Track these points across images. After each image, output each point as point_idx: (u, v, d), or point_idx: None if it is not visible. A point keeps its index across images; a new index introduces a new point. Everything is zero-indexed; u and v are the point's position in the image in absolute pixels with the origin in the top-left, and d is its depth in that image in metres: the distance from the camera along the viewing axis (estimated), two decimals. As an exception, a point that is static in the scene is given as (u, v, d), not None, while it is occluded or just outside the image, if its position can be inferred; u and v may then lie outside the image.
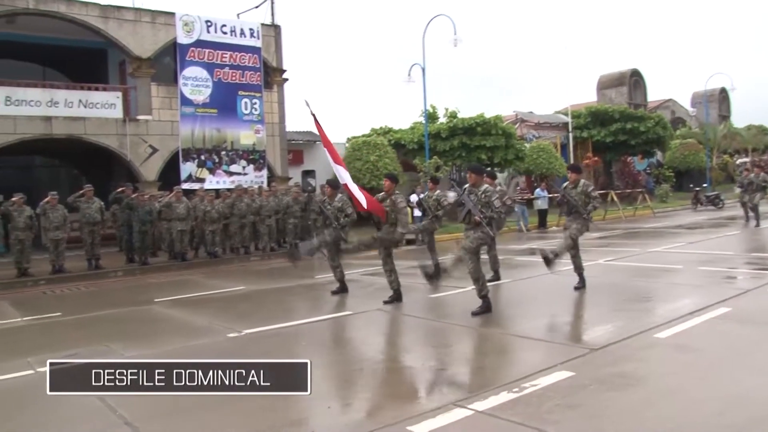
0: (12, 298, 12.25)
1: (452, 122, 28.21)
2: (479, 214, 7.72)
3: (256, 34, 21.64)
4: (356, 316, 8.72)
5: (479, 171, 8.20)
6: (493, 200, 7.84)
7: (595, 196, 9.49)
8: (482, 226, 7.74)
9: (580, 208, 9.34)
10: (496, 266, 10.76)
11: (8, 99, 17.86)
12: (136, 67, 20.06)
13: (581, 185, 9.52)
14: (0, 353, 7.68)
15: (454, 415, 4.69)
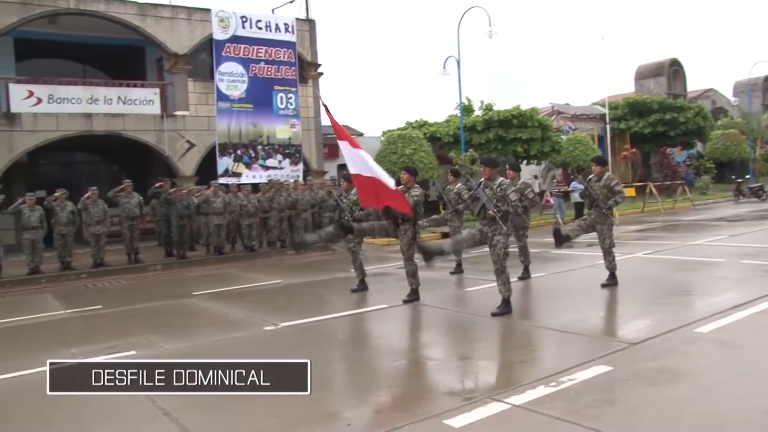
0: (55, 291, 12.54)
1: (488, 115, 28.00)
2: (493, 208, 7.49)
3: (291, 28, 21.74)
4: (392, 310, 8.72)
5: (493, 164, 7.90)
6: (508, 194, 7.57)
7: (618, 190, 9.13)
8: (496, 221, 7.51)
9: (599, 202, 9.04)
10: (527, 262, 10.51)
11: (51, 97, 18.24)
12: (173, 63, 20.31)
13: (605, 178, 9.24)
14: (44, 345, 7.87)
15: (490, 408, 4.66)
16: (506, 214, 7.56)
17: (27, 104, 17.95)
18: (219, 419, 4.87)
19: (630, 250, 13.08)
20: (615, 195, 9.07)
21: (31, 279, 13.81)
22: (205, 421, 4.79)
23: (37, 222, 13.97)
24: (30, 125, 17.96)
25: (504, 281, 7.74)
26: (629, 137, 35.73)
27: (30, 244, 13.98)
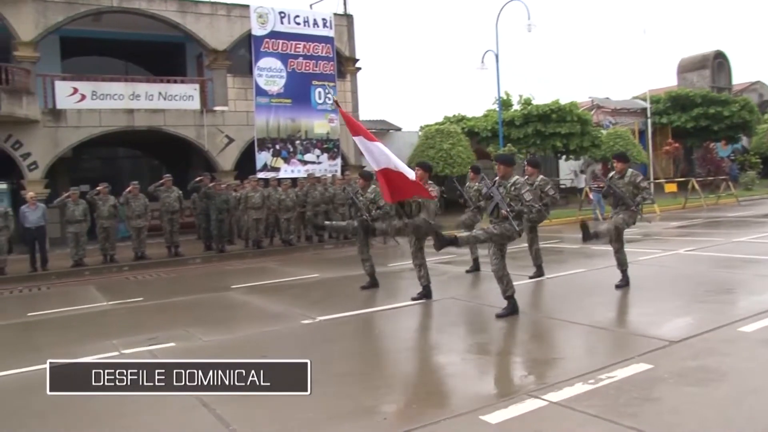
0: (98, 283, 12.80)
1: (526, 109, 27.78)
2: (506, 207, 7.19)
3: (329, 23, 21.81)
4: (429, 304, 8.70)
5: (508, 162, 7.63)
6: (522, 193, 7.28)
7: (644, 186, 8.72)
8: (508, 220, 7.16)
9: (627, 200, 8.60)
10: (539, 261, 10.21)
11: (94, 93, 18.63)
12: (212, 59, 20.54)
13: (629, 175, 8.74)
14: (87, 335, 8.05)
15: (527, 405, 4.62)
16: (520, 214, 7.31)
17: (72, 101, 18.37)
18: (256, 411, 4.91)
19: (671, 247, 12.86)
20: (642, 191, 8.66)
21: (76, 271, 14.13)
22: (243, 412, 4.83)
23: (80, 215, 14.29)
24: (74, 121, 18.37)
25: (504, 282, 7.54)
26: (671, 132, 35.11)
27: (74, 237, 14.30)
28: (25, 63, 17.98)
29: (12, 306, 11.34)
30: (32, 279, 13.61)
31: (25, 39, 17.86)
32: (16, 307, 11.05)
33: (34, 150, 17.92)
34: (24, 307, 10.56)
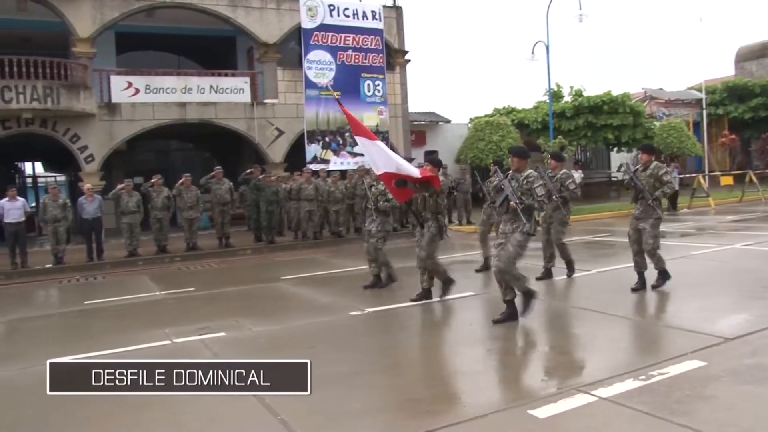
0: (151, 273, 13.09)
1: (577, 101, 27.40)
2: (516, 200, 6.86)
3: (378, 16, 21.81)
4: (478, 297, 8.66)
5: (522, 154, 7.29)
6: (534, 187, 6.92)
7: (667, 180, 8.24)
8: (517, 215, 6.84)
9: (645, 193, 8.14)
10: (551, 264, 9.63)
11: (147, 87, 19.03)
12: (262, 52, 20.75)
13: (652, 168, 8.31)
14: (140, 324, 8.23)
15: (576, 400, 4.56)
16: (530, 209, 6.96)
17: (126, 95, 18.81)
18: (304, 401, 4.93)
19: (727, 241, 12.52)
20: (663, 185, 8.20)
21: (130, 261, 14.47)
22: (291, 402, 4.86)
23: (134, 207, 14.61)
24: (129, 114, 18.80)
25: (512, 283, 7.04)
26: (727, 123, 34.15)
27: (128, 228, 14.64)
28: (83, 59, 18.47)
29: (70, 294, 11.68)
30: (89, 268, 13.99)
31: (83, 35, 18.33)
32: (73, 296, 11.39)
33: (90, 143, 18.41)
34: (81, 296, 10.87)
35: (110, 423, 4.60)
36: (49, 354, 6.70)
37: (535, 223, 7.07)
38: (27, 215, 14.45)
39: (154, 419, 4.59)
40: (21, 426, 4.75)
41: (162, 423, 4.57)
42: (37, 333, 8.39)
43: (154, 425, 4.56)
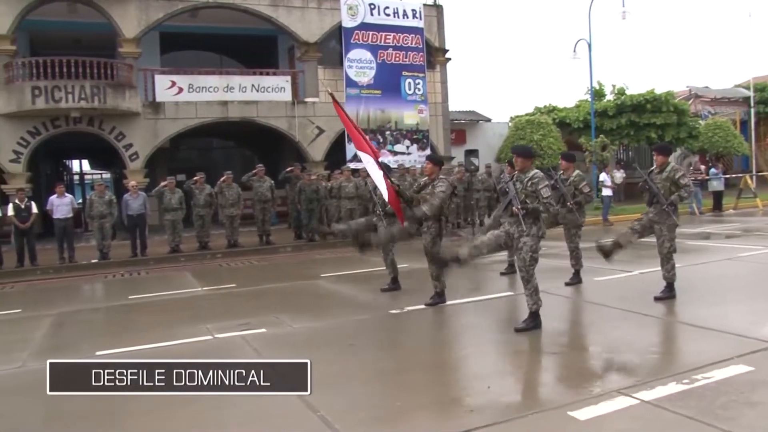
0: (193, 269, 13.28)
1: (620, 99, 27.03)
2: (518, 204, 6.56)
3: (419, 14, 21.78)
4: (518, 297, 8.56)
5: (525, 154, 6.92)
6: (539, 189, 6.54)
7: (684, 184, 7.70)
8: (520, 219, 6.53)
9: (660, 197, 7.69)
10: (579, 266, 9.27)
11: (190, 86, 19.32)
12: (303, 51, 20.89)
13: (668, 170, 7.84)
14: (183, 319, 8.37)
15: (617, 403, 4.49)
16: (535, 212, 6.60)
17: (170, 93, 19.12)
18: (345, 398, 4.98)
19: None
20: (680, 189, 7.68)
21: (172, 257, 14.71)
22: (331, 398, 4.90)
23: (177, 204, 14.85)
24: (172, 113, 19.11)
25: (531, 292, 6.74)
26: (777, 122, 33.27)
27: (171, 224, 14.89)
28: (128, 59, 18.83)
29: (115, 289, 11.93)
30: (133, 264, 14.26)
31: (129, 36, 18.69)
32: (118, 290, 11.62)
33: (135, 141, 18.76)
34: (125, 290, 11.09)
35: (154, 417, 4.68)
36: (96, 346, 6.89)
37: (543, 225, 6.77)
38: (75, 211, 14.82)
39: (197, 414, 4.65)
40: (68, 415, 4.85)
41: (204, 418, 4.62)
42: (84, 326, 8.59)
43: (196, 421, 4.61)
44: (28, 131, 17.80)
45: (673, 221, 7.69)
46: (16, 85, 17.33)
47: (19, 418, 4.70)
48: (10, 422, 4.65)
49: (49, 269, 13.70)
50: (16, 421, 4.67)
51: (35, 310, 9.62)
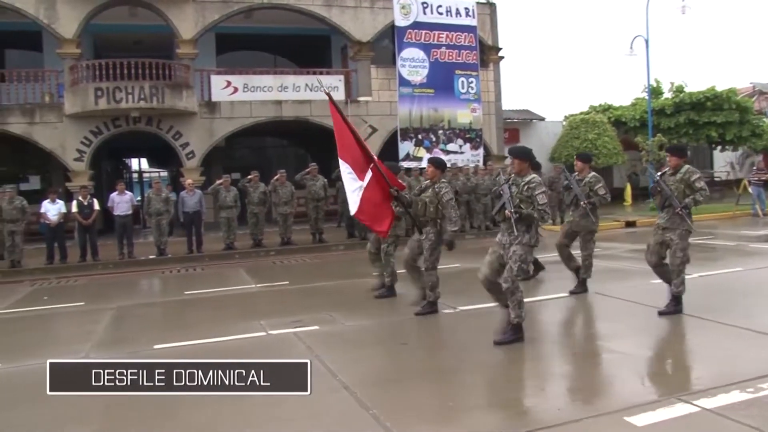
0: (247, 266, 13.47)
1: (678, 97, 26.36)
2: (511, 208, 6.24)
3: (472, 12, 21.63)
4: (571, 299, 8.48)
5: (522, 155, 6.54)
6: (536, 194, 6.22)
7: (700, 187, 7.22)
8: (510, 222, 6.21)
9: (673, 200, 7.20)
10: (587, 275, 8.89)
11: (245, 86, 19.62)
12: (356, 50, 20.98)
13: (683, 172, 7.34)
14: (237, 315, 8.51)
15: (676, 410, 4.39)
16: (529, 219, 6.27)
17: (225, 93, 19.46)
18: (396, 397, 4.99)
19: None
20: (695, 192, 7.22)
21: (227, 254, 14.96)
22: (383, 397, 4.93)
23: (232, 201, 15.10)
24: (227, 112, 19.43)
25: (515, 304, 6.40)
26: None
27: (226, 222, 15.15)
28: (186, 59, 19.22)
29: (172, 284, 12.19)
30: (189, 260, 14.56)
31: (186, 37, 19.08)
32: (175, 286, 11.88)
33: (191, 140, 19.14)
34: (182, 286, 11.33)
35: (210, 409, 4.75)
36: (153, 340, 7.07)
37: (536, 234, 6.43)
38: (134, 208, 15.21)
39: (251, 410, 4.71)
40: (124, 408, 4.97)
41: (259, 414, 4.69)
42: (142, 320, 8.81)
43: (252, 416, 4.68)
44: (90, 131, 18.35)
45: (687, 226, 7.23)
46: (80, 87, 17.87)
47: (83, 406, 4.83)
48: (77, 409, 4.79)
49: (110, 264, 14.11)
50: (81, 408, 4.81)
51: (97, 304, 9.93)
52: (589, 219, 8.71)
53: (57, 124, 18.18)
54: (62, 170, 18.90)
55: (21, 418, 4.79)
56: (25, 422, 4.75)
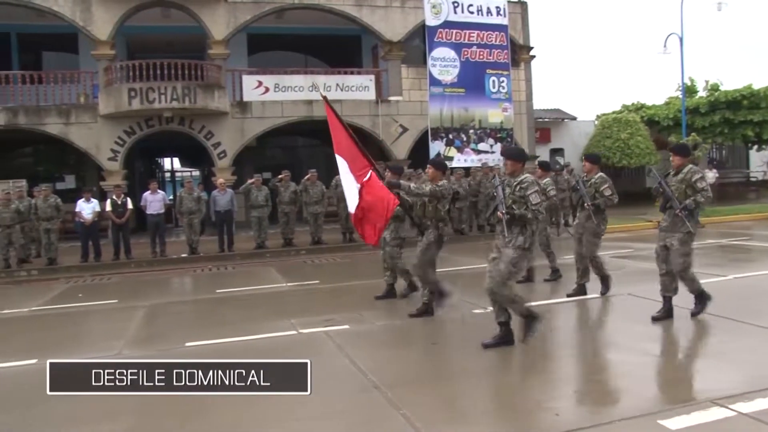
0: (278, 265, 13.54)
1: (713, 96, 25.96)
2: (503, 209, 6.06)
3: (503, 11, 21.52)
4: (604, 300, 8.38)
5: (514, 156, 6.39)
6: (529, 194, 6.03)
7: (702, 188, 6.87)
8: (502, 224, 6.06)
9: (674, 201, 6.92)
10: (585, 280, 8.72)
11: (277, 86, 19.76)
12: (387, 50, 21.00)
13: (685, 172, 7.05)
14: (268, 314, 8.57)
15: (711, 414, 4.30)
16: (522, 219, 6.07)
17: (257, 93, 19.62)
18: (427, 397, 4.98)
19: None
20: (696, 193, 6.89)
21: (258, 253, 15.08)
22: (414, 397, 4.91)
23: (263, 201, 15.21)
24: (259, 112, 19.59)
25: (498, 308, 6.43)
26: None
27: (257, 221, 15.26)
28: (217, 60, 19.41)
29: (203, 283, 12.31)
30: (220, 259, 14.70)
31: (218, 38, 19.27)
32: (207, 284, 11.99)
33: (223, 140, 19.32)
34: (213, 284, 11.43)
35: (239, 408, 4.77)
36: (186, 338, 7.13)
37: (531, 236, 6.19)
38: (166, 207, 15.40)
39: (281, 406, 4.70)
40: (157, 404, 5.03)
41: (288, 412, 4.69)
42: (174, 318, 8.91)
43: (281, 414, 4.68)
44: (124, 131, 18.63)
45: (688, 228, 6.90)
46: (114, 88, 18.13)
47: (116, 402, 4.88)
48: (110, 404, 4.85)
49: (143, 262, 14.29)
50: (114, 404, 4.87)
51: (130, 301, 10.06)
52: (591, 221, 8.42)
53: (92, 124, 18.50)
54: (97, 170, 19.22)
55: (58, 412, 4.86)
56: (64, 416, 4.82)
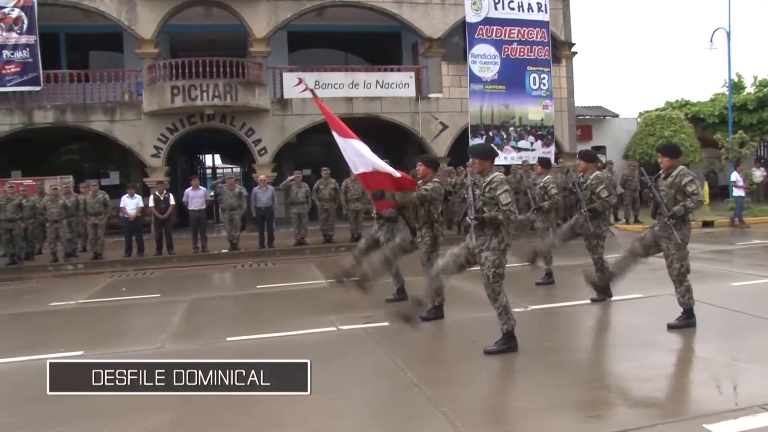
0: (317, 262, 13.61)
1: (762, 92, 25.30)
2: (472, 213, 5.85)
3: (544, 8, 21.30)
4: (646, 300, 8.23)
5: (482, 154, 6.10)
6: (498, 195, 5.75)
7: (691, 191, 6.44)
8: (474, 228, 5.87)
9: (662, 207, 6.52)
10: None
11: (317, 83, 19.84)
12: (427, 47, 20.94)
13: (674, 175, 6.60)
14: (308, 310, 8.62)
15: (760, 419, 4.19)
16: (493, 222, 5.83)
17: (297, 90, 19.70)
18: (466, 395, 4.96)
19: None
20: (686, 198, 6.46)
21: (297, 249, 15.18)
22: (453, 395, 4.90)
23: (303, 197, 15.31)
24: (299, 110, 19.70)
25: (500, 311, 6.09)
26: None
27: (297, 217, 15.36)
28: (258, 57, 19.58)
29: (244, 278, 12.44)
30: (260, 255, 14.84)
31: (259, 36, 19.44)
32: (247, 280, 12.12)
33: (264, 137, 19.50)
34: (254, 280, 11.56)
35: (276, 405, 4.77)
36: (226, 332, 7.22)
37: (506, 236, 5.96)
38: (207, 203, 15.60)
39: (319, 403, 4.73)
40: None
41: (326, 409, 4.71)
42: (215, 312, 9.02)
43: (318, 411, 4.70)
44: (167, 128, 18.92)
45: (676, 239, 6.48)
46: (157, 86, 18.42)
47: (161, 395, 4.95)
48: (156, 398, 4.92)
49: (184, 257, 14.52)
50: (159, 397, 4.93)
51: (172, 296, 10.23)
52: (586, 225, 8.11)
53: (135, 121, 18.82)
54: (140, 166, 19.55)
55: (107, 403, 4.91)
56: (113, 407, 4.87)
